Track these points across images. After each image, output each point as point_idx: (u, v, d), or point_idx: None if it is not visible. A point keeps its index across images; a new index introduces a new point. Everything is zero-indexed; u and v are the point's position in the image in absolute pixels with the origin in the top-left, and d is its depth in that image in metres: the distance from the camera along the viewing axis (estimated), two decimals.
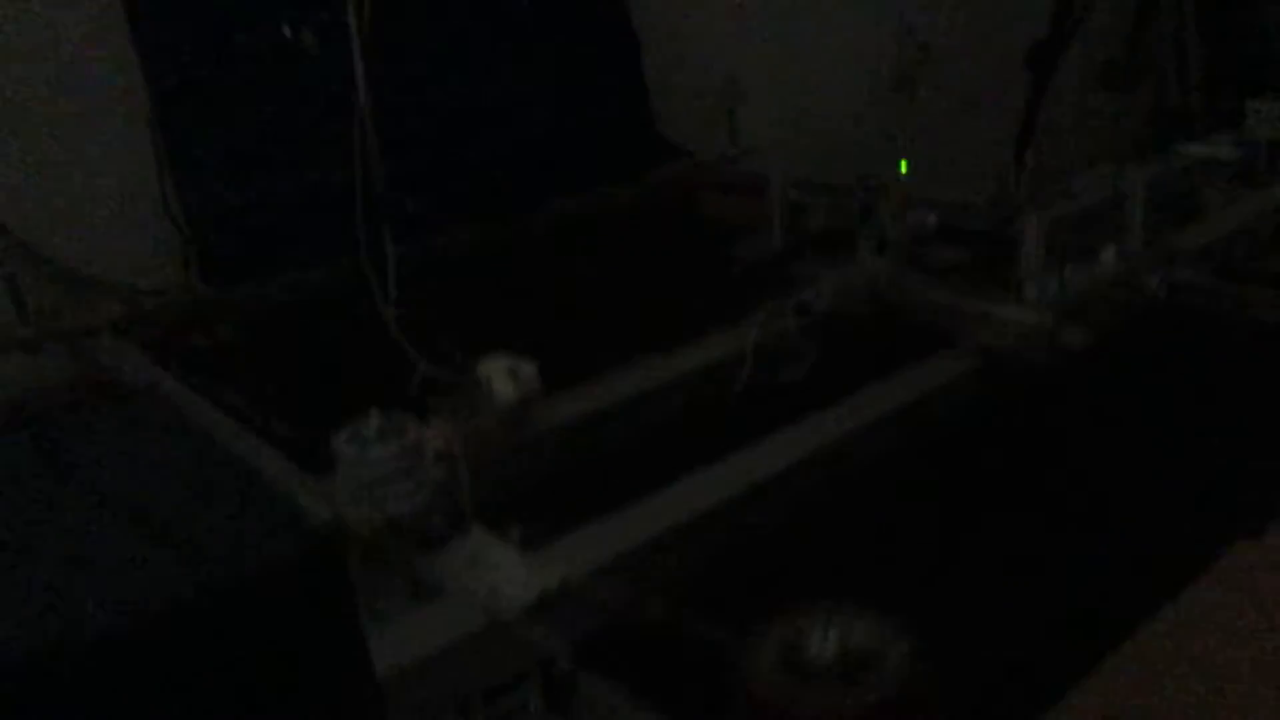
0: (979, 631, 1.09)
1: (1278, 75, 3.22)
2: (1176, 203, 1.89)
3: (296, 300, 1.95)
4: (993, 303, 1.49)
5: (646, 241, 2.42)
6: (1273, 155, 1.98)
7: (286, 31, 1.99)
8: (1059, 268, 1.48)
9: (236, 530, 0.75)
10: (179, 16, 1.96)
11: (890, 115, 2.28)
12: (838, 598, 0.76)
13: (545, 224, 2.44)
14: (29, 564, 0.72)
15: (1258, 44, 3.56)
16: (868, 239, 1.63)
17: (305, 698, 0.75)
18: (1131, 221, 1.61)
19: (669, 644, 1.17)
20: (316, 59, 1.98)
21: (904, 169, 1.74)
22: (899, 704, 0.68)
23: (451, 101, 2.38)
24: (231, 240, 2.02)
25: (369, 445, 0.97)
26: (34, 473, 0.83)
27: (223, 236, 2.01)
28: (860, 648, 0.72)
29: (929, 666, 0.70)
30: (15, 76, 1.84)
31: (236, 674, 0.70)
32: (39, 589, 0.69)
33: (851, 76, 3.06)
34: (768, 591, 1.00)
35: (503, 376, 1.19)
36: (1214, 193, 1.92)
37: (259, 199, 2.04)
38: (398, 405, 1.05)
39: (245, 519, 0.77)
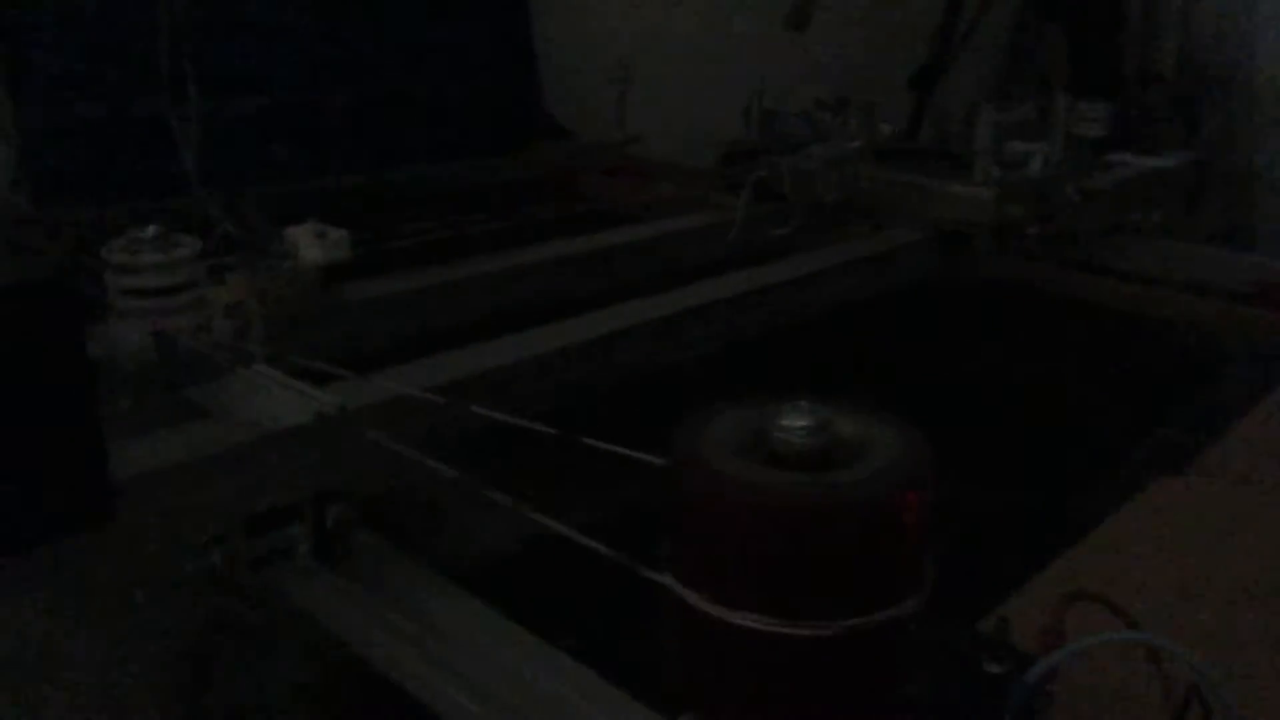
0: None
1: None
2: None
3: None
4: (947, 181, 1.76)
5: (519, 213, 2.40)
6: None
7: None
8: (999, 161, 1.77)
9: None
10: None
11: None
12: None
13: (410, 185, 2.38)
14: None
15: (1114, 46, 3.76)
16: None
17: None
18: (1054, 136, 1.81)
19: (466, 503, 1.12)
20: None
21: None
22: (887, 506, 0.52)
23: (325, 49, 2.32)
24: (69, 161, 1.92)
25: (139, 250, 0.90)
26: None
27: (61, 156, 1.91)
28: (843, 437, 0.55)
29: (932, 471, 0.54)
30: None
31: None
32: None
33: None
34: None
35: (309, 238, 1.13)
36: None
37: (102, 120, 1.95)
38: None
39: None
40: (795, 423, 0.53)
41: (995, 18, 3.77)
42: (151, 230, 0.92)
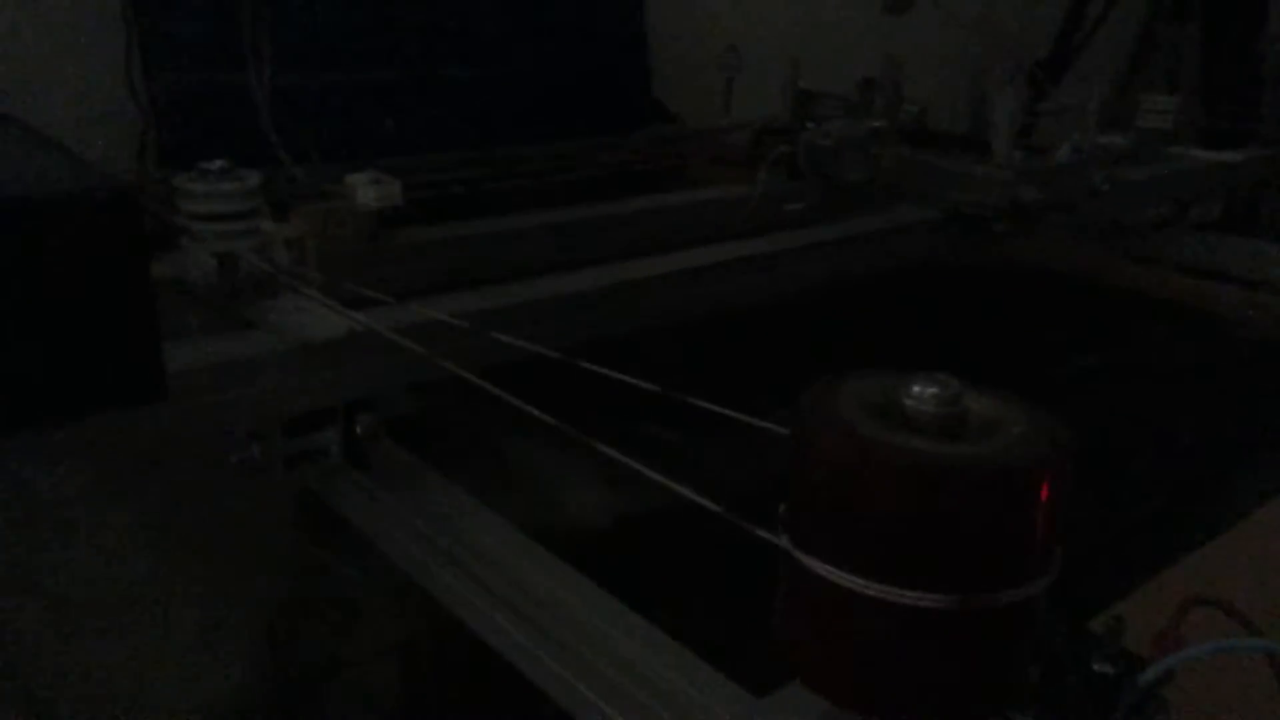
0: None
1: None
2: None
3: None
4: (965, 163, 1.81)
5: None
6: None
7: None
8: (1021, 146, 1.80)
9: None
10: None
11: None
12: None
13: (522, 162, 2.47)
14: None
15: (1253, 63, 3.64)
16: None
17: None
18: (1087, 124, 1.86)
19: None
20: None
21: None
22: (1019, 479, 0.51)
23: (443, 24, 2.41)
24: (196, 129, 2.03)
25: (206, 180, 1.03)
26: None
27: (188, 123, 2.03)
28: (976, 411, 0.55)
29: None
30: None
31: None
32: None
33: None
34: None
35: (365, 184, 1.25)
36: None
37: (229, 87, 2.05)
38: None
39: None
40: (929, 390, 0.53)
41: (1126, 11, 3.70)
42: (218, 163, 1.04)
